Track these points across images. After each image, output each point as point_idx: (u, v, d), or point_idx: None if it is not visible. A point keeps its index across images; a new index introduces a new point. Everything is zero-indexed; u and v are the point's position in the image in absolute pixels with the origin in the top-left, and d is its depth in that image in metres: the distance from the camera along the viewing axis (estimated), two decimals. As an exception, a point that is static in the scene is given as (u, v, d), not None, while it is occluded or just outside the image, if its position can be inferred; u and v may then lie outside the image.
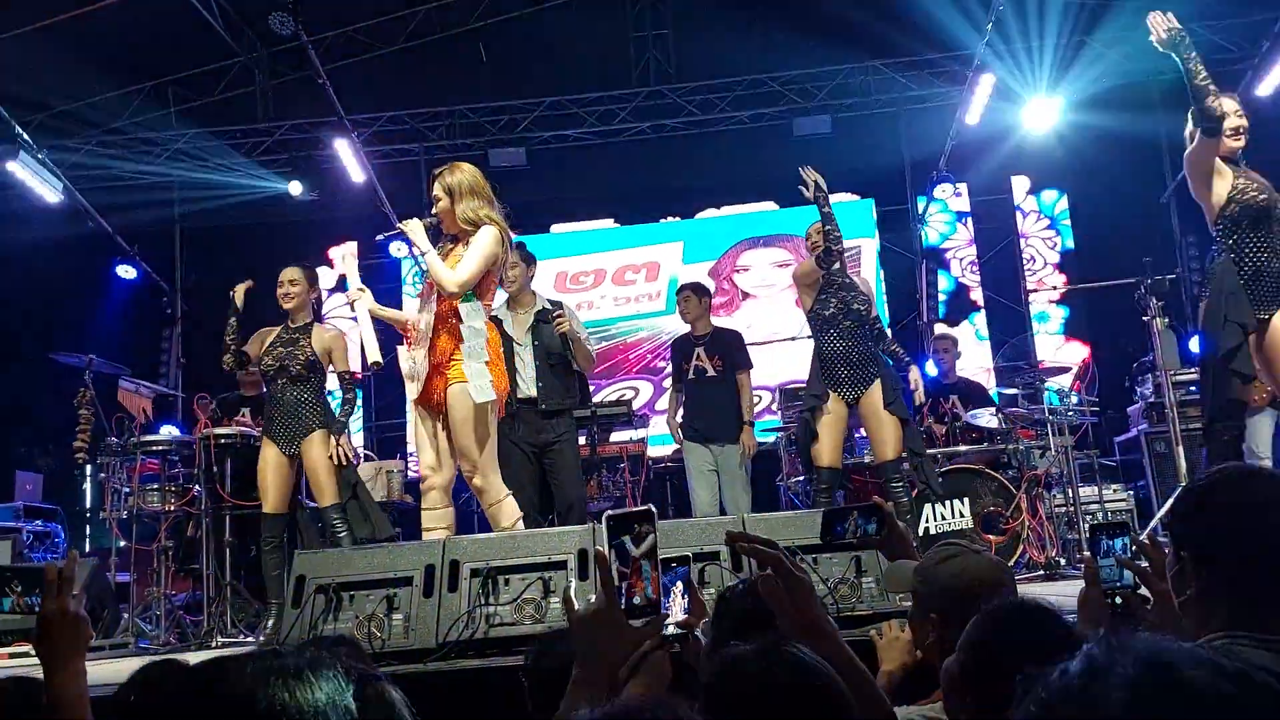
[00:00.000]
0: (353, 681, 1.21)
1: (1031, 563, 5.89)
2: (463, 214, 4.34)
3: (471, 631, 3.28)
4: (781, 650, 1.45)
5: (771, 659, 1.42)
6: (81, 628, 1.84)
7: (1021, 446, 6.32)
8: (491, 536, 3.79)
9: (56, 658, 1.80)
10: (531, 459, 5.47)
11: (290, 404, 5.40)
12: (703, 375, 6.40)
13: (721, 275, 10.84)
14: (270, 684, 1.12)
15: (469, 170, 4.41)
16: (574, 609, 1.57)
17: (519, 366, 5.55)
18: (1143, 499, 7.24)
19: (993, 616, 1.70)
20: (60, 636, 1.81)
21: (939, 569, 2.10)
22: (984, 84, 9.05)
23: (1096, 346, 10.10)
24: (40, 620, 1.82)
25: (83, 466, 8.11)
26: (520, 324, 5.61)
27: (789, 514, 4.38)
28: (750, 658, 1.44)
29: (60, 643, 1.81)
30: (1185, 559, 1.65)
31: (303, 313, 5.58)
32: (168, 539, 5.85)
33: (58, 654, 1.80)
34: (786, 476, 7.29)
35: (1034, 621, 1.67)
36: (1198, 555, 1.64)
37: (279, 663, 1.15)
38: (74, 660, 1.80)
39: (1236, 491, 1.66)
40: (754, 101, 10.34)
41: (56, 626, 1.81)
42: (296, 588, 3.42)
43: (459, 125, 10.51)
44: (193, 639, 5.40)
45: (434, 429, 4.36)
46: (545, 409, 5.49)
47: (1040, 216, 10.96)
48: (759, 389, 9.99)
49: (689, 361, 6.45)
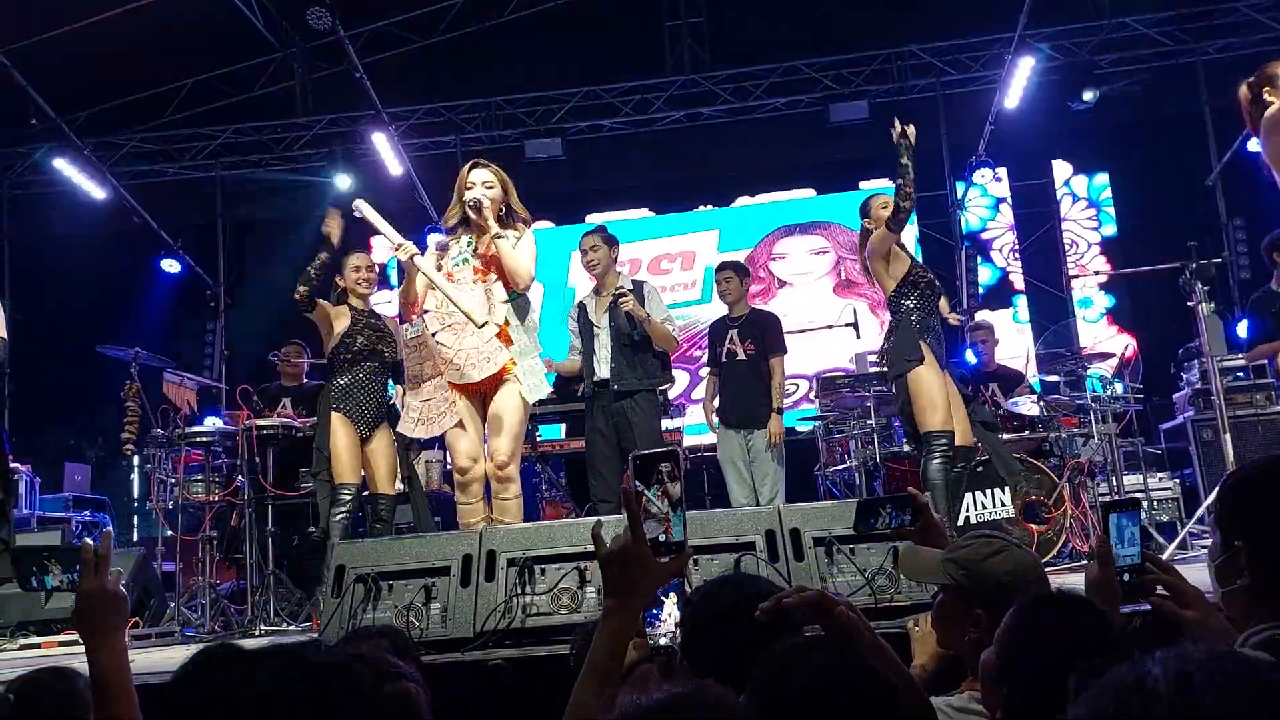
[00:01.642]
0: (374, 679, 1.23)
1: (1075, 552, 5.82)
2: (518, 207, 4.46)
3: (508, 621, 3.30)
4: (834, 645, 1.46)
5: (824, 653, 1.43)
6: (120, 604, 1.88)
7: (1064, 434, 6.23)
8: (528, 526, 3.81)
9: (96, 634, 1.83)
10: (610, 442, 5.50)
11: (378, 389, 5.40)
12: (734, 358, 6.27)
13: (758, 263, 10.79)
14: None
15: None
16: (603, 545, 1.62)
17: (596, 349, 5.61)
18: (1189, 487, 7.12)
19: (1030, 608, 1.69)
20: (99, 613, 1.84)
21: (988, 564, 2.05)
22: (1023, 66, 8.94)
23: (1140, 332, 9.95)
24: (79, 598, 1.86)
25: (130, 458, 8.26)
26: (600, 306, 5.65)
27: (825, 504, 4.36)
28: (802, 651, 1.44)
29: (99, 619, 1.84)
30: (1239, 548, 1.61)
31: (368, 300, 5.57)
32: (212, 529, 5.94)
33: (97, 631, 1.84)
34: (824, 466, 7.25)
35: (1070, 613, 1.67)
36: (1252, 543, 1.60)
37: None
38: (114, 637, 1.84)
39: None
40: (789, 88, 10.27)
41: (95, 603, 1.85)
42: (336, 577, 3.46)
43: (495, 117, 10.54)
44: (237, 628, 5.48)
45: (474, 416, 4.38)
46: (618, 389, 5.50)
47: (1082, 201, 10.81)
48: (795, 377, 9.95)
49: (722, 344, 6.34)
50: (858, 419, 6.72)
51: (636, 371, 5.56)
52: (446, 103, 10.46)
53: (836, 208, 10.88)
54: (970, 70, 10.07)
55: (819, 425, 7.34)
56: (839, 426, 7.09)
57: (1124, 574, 1.94)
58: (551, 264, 10.63)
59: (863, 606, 3.21)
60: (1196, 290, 5.53)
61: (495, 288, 4.36)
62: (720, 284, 6.43)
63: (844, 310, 9.97)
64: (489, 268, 4.38)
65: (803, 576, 3.33)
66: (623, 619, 1.59)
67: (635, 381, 5.53)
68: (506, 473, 4.29)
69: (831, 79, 10.17)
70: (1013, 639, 1.66)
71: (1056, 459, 6.18)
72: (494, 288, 4.36)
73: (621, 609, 1.59)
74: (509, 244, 4.33)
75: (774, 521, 3.48)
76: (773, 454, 6.13)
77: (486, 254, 4.38)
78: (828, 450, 7.31)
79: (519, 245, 4.39)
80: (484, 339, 4.30)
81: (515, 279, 4.34)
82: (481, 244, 4.41)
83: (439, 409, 4.35)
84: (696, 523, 3.53)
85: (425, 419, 4.37)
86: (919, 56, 10.11)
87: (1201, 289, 5.56)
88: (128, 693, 1.77)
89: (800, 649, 1.45)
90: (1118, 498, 5.29)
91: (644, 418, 5.51)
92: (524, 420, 4.37)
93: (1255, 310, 6.70)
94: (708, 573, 3.36)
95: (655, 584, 1.60)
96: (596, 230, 5.77)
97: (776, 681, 1.39)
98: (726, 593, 1.91)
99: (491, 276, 4.37)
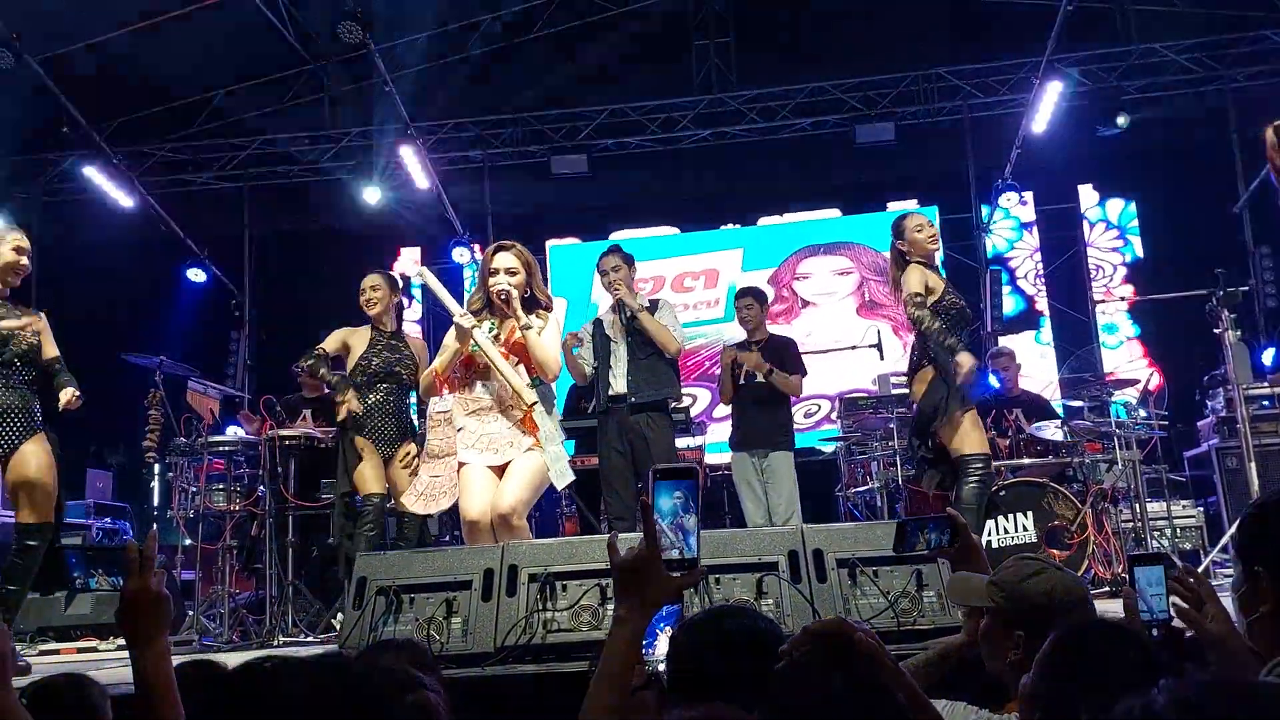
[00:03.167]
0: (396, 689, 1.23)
1: (1097, 579, 5.76)
2: (541, 292, 4.43)
3: (529, 637, 3.29)
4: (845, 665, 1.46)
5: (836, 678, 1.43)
6: (164, 605, 1.87)
7: (1087, 460, 6.19)
8: (550, 542, 3.80)
9: (140, 636, 1.83)
10: (625, 457, 5.46)
11: (394, 410, 5.46)
12: (753, 380, 6.27)
13: (781, 283, 10.79)
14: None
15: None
16: (618, 554, 1.67)
17: (613, 364, 5.57)
18: (1213, 515, 7.05)
19: (1071, 636, 1.69)
20: (143, 614, 1.84)
21: (1026, 585, 2.06)
22: (1051, 91, 8.92)
23: (1165, 359, 9.88)
24: (123, 599, 1.86)
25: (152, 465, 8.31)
26: (617, 323, 5.62)
27: (849, 525, 4.34)
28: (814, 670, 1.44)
29: (143, 621, 1.84)
30: (1261, 574, 1.60)
31: (388, 317, 5.60)
32: (232, 538, 5.96)
33: (141, 632, 1.83)
34: (846, 487, 7.22)
35: (1111, 643, 1.65)
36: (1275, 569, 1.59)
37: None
38: (158, 638, 1.84)
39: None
40: (816, 109, 10.28)
41: (139, 605, 1.85)
42: (358, 590, 3.46)
43: (522, 132, 10.59)
44: (255, 638, 5.49)
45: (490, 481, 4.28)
46: (635, 402, 5.47)
47: (1108, 226, 10.76)
48: (817, 397, 9.95)
49: (740, 368, 6.37)
50: (880, 440, 6.70)
51: (653, 384, 5.55)
52: (474, 118, 10.52)
53: (861, 228, 10.87)
54: (998, 93, 10.05)
55: (841, 446, 7.32)
56: (861, 448, 7.06)
57: (1153, 628, 1.93)
58: (576, 280, 10.66)
59: (885, 629, 3.19)
60: (1223, 317, 5.49)
61: (521, 373, 4.33)
62: (740, 310, 6.44)
63: (868, 331, 9.96)
64: (514, 354, 4.33)
65: (825, 598, 3.31)
66: (633, 627, 1.65)
67: (653, 393, 5.51)
68: (512, 522, 4.11)
69: (858, 100, 10.17)
70: (1050, 665, 1.66)
71: (1080, 484, 6.13)
72: (522, 373, 4.33)
73: (631, 617, 1.65)
74: (536, 335, 4.29)
75: (797, 542, 3.45)
76: (789, 474, 6.10)
77: (510, 339, 4.34)
78: (849, 471, 7.28)
79: (544, 334, 4.35)
80: (508, 425, 4.28)
81: (544, 370, 4.31)
82: (504, 330, 4.36)
83: (442, 488, 4.31)
84: (719, 541, 3.51)
85: (428, 495, 4.33)
86: (946, 79, 10.11)
87: (1228, 316, 5.52)
88: (172, 694, 1.77)
89: (812, 668, 1.45)
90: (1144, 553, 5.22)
91: (661, 434, 5.49)
92: (542, 483, 4.27)
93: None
94: (729, 593, 3.35)
95: (666, 596, 1.65)
96: (614, 251, 5.75)
97: (788, 700, 1.39)
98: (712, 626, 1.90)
99: (513, 360, 4.32)
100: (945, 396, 4.80)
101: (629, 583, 1.66)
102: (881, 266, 10.56)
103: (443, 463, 4.34)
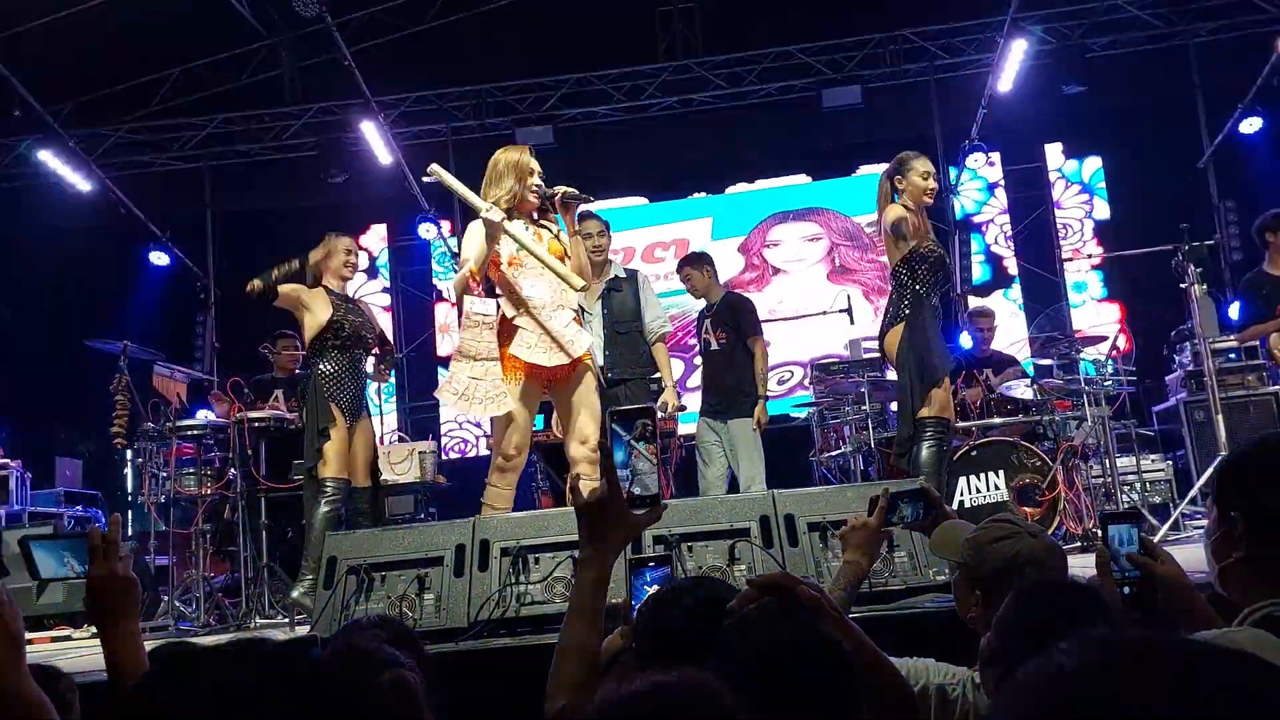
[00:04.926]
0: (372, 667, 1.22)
1: (1068, 535, 5.82)
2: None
3: (503, 610, 3.28)
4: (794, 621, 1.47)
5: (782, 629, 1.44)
6: (131, 589, 1.85)
7: (1057, 418, 6.24)
8: (522, 515, 3.79)
9: (109, 621, 1.82)
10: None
11: (361, 377, 5.34)
12: (709, 348, 6.15)
13: (752, 250, 10.78)
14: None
15: None
16: (580, 496, 1.70)
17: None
18: (1181, 469, 7.13)
19: (1026, 596, 1.70)
20: (110, 599, 1.82)
21: (991, 548, 2.09)
22: (1015, 49, 8.91)
23: (1134, 316, 9.95)
24: (89, 586, 1.84)
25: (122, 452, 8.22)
26: (592, 293, 5.50)
27: (820, 489, 4.35)
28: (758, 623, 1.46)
29: (112, 605, 1.82)
30: (1236, 520, 1.61)
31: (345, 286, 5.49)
32: (205, 522, 5.91)
33: (110, 617, 1.82)
34: (819, 451, 7.25)
35: (1068, 602, 1.66)
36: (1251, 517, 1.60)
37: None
38: (126, 622, 1.83)
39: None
40: (782, 74, 10.22)
41: (106, 590, 1.83)
42: (328, 570, 3.44)
43: (486, 104, 10.48)
44: (231, 620, 5.46)
45: (531, 406, 4.26)
46: (611, 378, 5.42)
47: (1078, 186, 10.80)
48: (789, 364, 9.96)
49: (699, 335, 6.31)
50: (852, 405, 6.71)
51: (629, 360, 5.51)
52: (437, 90, 10.39)
53: (830, 194, 10.86)
54: (963, 54, 10.03)
55: (813, 411, 7.34)
56: (833, 412, 7.08)
57: (1124, 586, 1.94)
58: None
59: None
60: (1189, 272, 5.52)
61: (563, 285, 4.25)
62: (684, 282, 6.30)
63: (838, 296, 9.97)
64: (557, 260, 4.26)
65: (797, 562, 3.32)
66: (598, 566, 1.68)
67: (629, 370, 5.48)
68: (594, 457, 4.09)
69: (825, 64, 10.12)
70: (1006, 624, 1.68)
71: (1050, 442, 6.18)
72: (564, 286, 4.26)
73: (597, 557, 1.68)
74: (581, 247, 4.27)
75: (769, 507, 3.46)
76: (754, 438, 5.96)
77: (548, 245, 4.28)
78: (822, 436, 7.31)
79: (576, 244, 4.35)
80: (563, 323, 4.21)
81: (582, 276, 4.26)
82: (540, 234, 4.30)
83: (489, 393, 4.11)
84: (691, 509, 3.52)
85: (471, 397, 4.11)
86: (912, 40, 10.07)
87: (1194, 271, 5.55)
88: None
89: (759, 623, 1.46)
90: (1117, 509, 5.25)
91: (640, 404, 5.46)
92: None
93: (1247, 292, 6.70)
94: (701, 560, 3.35)
95: (629, 533, 1.69)
96: (595, 216, 5.69)
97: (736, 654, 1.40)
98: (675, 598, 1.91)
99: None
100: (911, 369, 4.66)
101: (592, 523, 1.68)
102: (851, 231, 10.57)
103: (482, 366, 4.13)
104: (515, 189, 4.28)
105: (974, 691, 2.04)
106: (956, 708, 2.05)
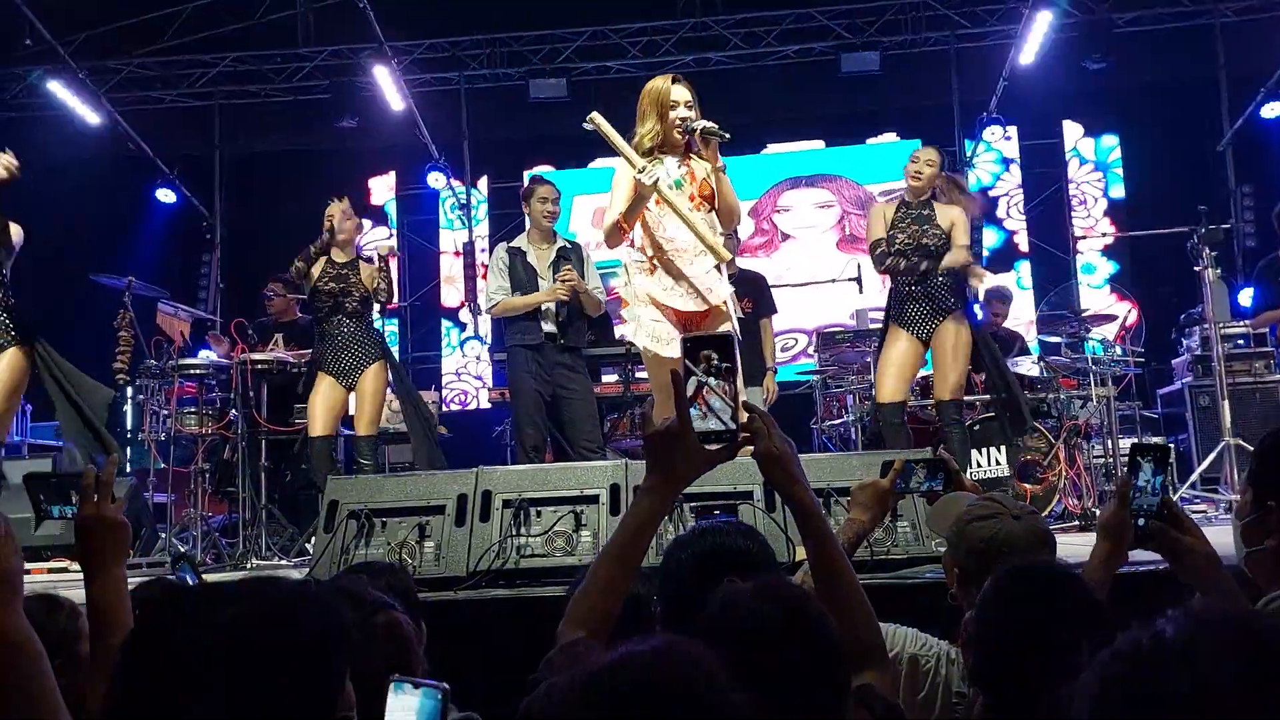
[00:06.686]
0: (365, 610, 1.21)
1: (1067, 513, 5.83)
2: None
3: (502, 562, 3.28)
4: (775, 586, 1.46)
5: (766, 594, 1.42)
6: (120, 533, 1.80)
7: (1062, 396, 6.22)
8: (525, 469, 3.79)
9: (96, 563, 1.76)
10: (543, 395, 5.29)
11: (347, 338, 5.40)
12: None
13: (761, 215, 10.70)
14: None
15: None
16: (651, 424, 1.60)
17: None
18: (1183, 452, 7.12)
19: (1004, 578, 1.69)
20: (99, 541, 1.77)
21: (971, 527, 2.07)
22: (1040, 20, 8.78)
23: (1143, 298, 9.90)
24: (78, 526, 1.79)
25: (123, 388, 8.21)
26: (543, 258, 5.45)
27: (822, 456, 4.35)
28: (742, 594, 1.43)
29: (99, 548, 1.77)
30: (1273, 508, 1.58)
31: (350, 247, 5.55)
32: (205, 462, 5.92)
33: (97, 559, 1.77)
34: (820, 420, 7.25)
35: (1048, 587, 1.64)
36: None
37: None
38: (114, 566, 1.77)
39: None
40: (801, 36, 10.07)
41: (95, 531, 1.78)
42: (329, 513, 3.43)
43: (500, 54, 10.34)
44: (228, 560, 5.48)
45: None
46: (564, 344, 5.36)
47: (1091, 163, 10.70)
48: (794, 331, 9.92)
49: None
50: (856, 374, 6.70)
51: (579, 329, 5.48)
52: (451, 38, 10.26)
53: (844, 161, 10.76)
54: (986, 23, 9.87)
55: (816, 380, 7.32)
56: (836, 381, 7.07)
57: (1140, 518, 1.91)
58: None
59: (859, 560, 3.19)
60: (1204, 255, 5.48)
61: (713, 221, 4.08)
62: None
63: (847, 265, 9.91)
64: (705, 200, 4.05)
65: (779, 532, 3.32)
66: (658, 499, 1.59)
67: (578, 339, 5.45)
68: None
69: (844, 28, 9.97)
70: (983, 606, 1.67)
71: (1054, 420, 6.17)
72: (714, 222, 4.08)
73: (659, 488, 1.59)
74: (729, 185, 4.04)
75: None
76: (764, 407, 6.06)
77: (698, 187, 4.05)
78: (824, 405, 7.30)
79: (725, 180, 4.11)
80: (704, 269, 4.01)
81: (731, 217, 4.11)
82: (690, 174, 4.06)
83: (670, 335, 3.98)
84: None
85: (656, 336, 3.98)
86: (933, 7, 9.91)
87: (1209, 254, 5.51)
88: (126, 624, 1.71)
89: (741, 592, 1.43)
90: (1149, 441, 5.26)
91: (583, 379, 5.41)
92: None
93: (1262, 277, 6.67)
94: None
95: (696, 469, 1.59)
96: (550, 183, 5.66)
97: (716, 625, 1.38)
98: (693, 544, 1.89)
99: (704, 208, 4.05)
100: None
101: (658, 453, 1.59)
102: (863, 200, 10.47)
103: (653, 309, 4.02)
104: (656, 128, 4.06)
105: (948, 665, 2.04)
106: (927, 680, 2.05)
